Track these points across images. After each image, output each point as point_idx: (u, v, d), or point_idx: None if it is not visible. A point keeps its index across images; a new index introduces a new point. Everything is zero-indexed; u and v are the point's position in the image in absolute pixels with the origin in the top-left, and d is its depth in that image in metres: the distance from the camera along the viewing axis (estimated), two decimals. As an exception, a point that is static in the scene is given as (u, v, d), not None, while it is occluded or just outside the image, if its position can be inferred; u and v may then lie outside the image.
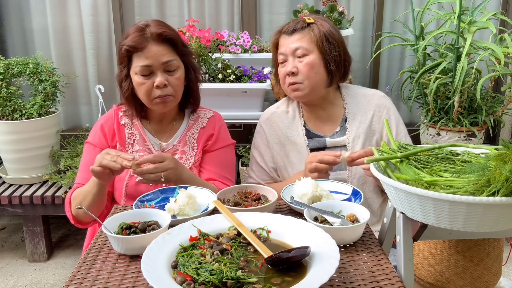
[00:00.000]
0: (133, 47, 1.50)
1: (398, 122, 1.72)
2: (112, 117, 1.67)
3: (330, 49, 1.62)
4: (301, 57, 1.62)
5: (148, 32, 1.51)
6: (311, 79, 1.62)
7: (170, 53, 1.53)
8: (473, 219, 0.89)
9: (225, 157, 1.70)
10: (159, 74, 1.51)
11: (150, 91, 1.53)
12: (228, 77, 2.52)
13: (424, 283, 1.33)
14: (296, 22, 1.65)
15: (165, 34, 1.51)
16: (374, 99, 1.73)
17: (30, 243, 2.78)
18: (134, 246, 1.09)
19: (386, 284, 0.98)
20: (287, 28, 1.66)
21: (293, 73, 1.62)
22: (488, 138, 3.12)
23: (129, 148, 1.64)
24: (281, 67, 1.68)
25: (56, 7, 3.11)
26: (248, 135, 3.08)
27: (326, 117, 1.73)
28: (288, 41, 1.64)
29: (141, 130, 1.65)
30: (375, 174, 1.02)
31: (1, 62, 2.63)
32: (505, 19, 2.40)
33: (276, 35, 1.70)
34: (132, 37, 1.51)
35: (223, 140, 1.71)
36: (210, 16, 3.14)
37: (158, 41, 1.51)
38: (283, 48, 1.65)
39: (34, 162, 2.74)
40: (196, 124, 1.70)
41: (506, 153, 0.89)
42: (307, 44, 1.61)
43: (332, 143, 1.69)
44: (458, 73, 2.21)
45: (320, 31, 1.62)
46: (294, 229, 1.09)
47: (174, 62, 1.54)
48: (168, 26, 1.57)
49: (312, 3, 2.95)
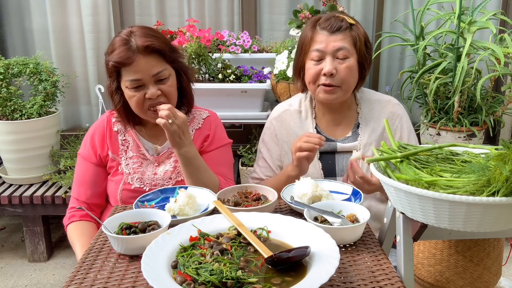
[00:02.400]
0: (120, 63, 1.45)
1: (410, 132, 1.68)
2: (104, 125, 1.63)
3: (367, 54, 1.57)
4: (341, 59, 1.54)
5: (134, 45, 1.44)
6: (348, 83, 1.56)
7: (159, 64, 1.48)
8: (473, 219, 0.89)
9: (223, 156, 1.68)
10: (150, 87, 1.47)
11: (142, 102, 1.49)
12: (228, 77, 2.52)
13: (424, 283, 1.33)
14: (339, 20, 1.55)
15: (152, 46, 1.44)
16: (389, 107, 1.68)
17: (30, 243, 2.78)
18: (134, 246, 1.09)
19: (386, 284, 0.98)
20: (328, 25, 1.55)
21: (331, 74, 1.53)
22: (488, 138, 3.12)
23: (122, 155, 1.61)
24: (314, 64, 1.57)
25: (56, 7, 3.11)
26: (248, 135, 3.08)
27: (339, 121, 1.68)
28: (330, 39, 1.54)
29: (134, 136, 1.62)
30: (375, 174, 1.02)
31: (1, 62, 2.63)
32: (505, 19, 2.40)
33: (312, 29, 1.58)
34: (118, 52, 1.44)
35: (219, 140, 1.68)
36: (210, 16, 3.14)
37: (145, 53, 1.44)
38: (323, 45, 1.54)
39: (34, 162, 2.74)
40: (191, 125, 1.66)
41: (506, 153, 0.89)
42: (350, 46, 1.54)
43: (343, 148, 1.64)
44: (458, 73, 2.21)
45: (361, 34, 1.56)
46: (294, 229, 1.09)
47: (164, 72, 1.49)
48: (154, 34, 1.50)
49: (312, 3, 2.95)
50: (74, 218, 1.59)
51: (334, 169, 1.65)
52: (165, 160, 1.62)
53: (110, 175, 1.62)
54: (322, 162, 1.65)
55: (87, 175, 1.62)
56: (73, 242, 1.55)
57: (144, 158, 1.62)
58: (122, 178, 1.59)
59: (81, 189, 1.62)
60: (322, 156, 1.66)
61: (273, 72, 2.60)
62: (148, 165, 1.61)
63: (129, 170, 1.59)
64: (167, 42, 1.53)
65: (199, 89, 2.47)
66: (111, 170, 1.62)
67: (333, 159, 1.65)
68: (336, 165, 1.65)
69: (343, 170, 1.64)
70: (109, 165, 1.61)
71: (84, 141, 1.65)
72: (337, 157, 1.65)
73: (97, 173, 1.62)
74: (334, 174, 1.65)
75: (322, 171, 1.64)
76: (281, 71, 2.52)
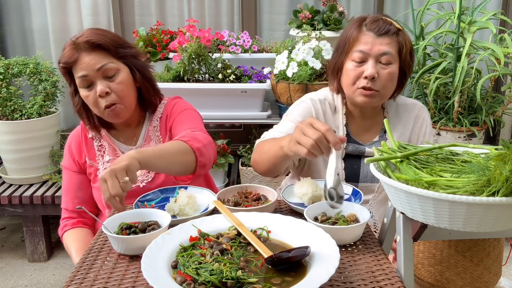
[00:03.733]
0: (66, 63, 1.46)
1: (430, 135, 1.66)
2: (79, 133, 1.63)
3: (410, 64, 1.54)
4: (385, 64, 1.48)
5: (78, 43, 1.45)
6: (387, 90, 1.51)
7: (103, 58, 1.45)
8: (473, 219, 0.89)
9: (187, 115, 1.60)
10: (98, 83, 1.45)
11: (97, 101, 1.47)
12: (228, 77, 2.52)
13: (424, 283, 1.33)
14: (388, 24, 1.49)
15: (92, 41, 1.44)
16: (415, 110, 1.65)
17: (30, 243, 2.78)
18: (134, 246, 1.09)
19: (386, 284, 0.98)
20: (376, 26, 1.48)
21: (373, 78, 1.47)
22: (488, 138, 3.12)
23: (99, 160, 1.60)
24: (354, 65, 1.50)
25: (56, 7, 3.11)
26: (248, 135, 3.08)
27: (368, 126, 1.64)
28: (376, 41, 1.47)
29: (109, 140, 1.61)
30: (375, 174, 1.02)
31: (1, 62, 2.63)
32: (505, 19, 2.40)
33: (357, 28, 1.51)
34: (64, 53, 1.47)
35: (178, 109, 1.62)
36: (210, 16, 3.14)
37: (88, 50, 1.44)
38: (367, 47, 1.47)
39: (34, 162, 2.74)
40: (155, 116, 1.63)
41: (506, 153, 0.89)
42: (394, 52, 1.48)
43: (370, 152, 1.58)
44: (458, 73, 2.21)
45: (409, 42, 1.51)
46: (294, 229, 1.09)
47: (110, 66, 1.46)
48: (100, 32, 1.49)
49: (312, 3, 2.95)
50: (67, 228, 1.61)
51: (358, 174, 1.61)
52: None
53: (91, 182, 1.62)
54: (346, 163, 1.60)
55: (71, 183, 1.62)
56: (68, 249, 1.57)
57: None
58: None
59: (68, 198, 1.62)
60: (347, 158, 1.61)
61: (273, 72, 2.60)
62: None
63: None
64: (115, 38, 1.51)
65: (199, 89, 2.48)
66: (91, 177, 1.61)
67: (359, 163, 1.61)
68: (360, 170, 1.61)
69: (367, 176, 1.60)
70: (88, 171, 1.61)
71: (64, 151, 1.66)
72: (362, 162, 1.60)
73: (80, 180, 1.62)
74: (357, 180, 1.61)
75: (344, 172, 1.60)
76: (281, 71, 2.52)
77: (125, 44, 1.53)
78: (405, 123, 1.63)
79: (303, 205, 1.30)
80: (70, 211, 1.61)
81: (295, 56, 2.45)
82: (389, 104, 1.66)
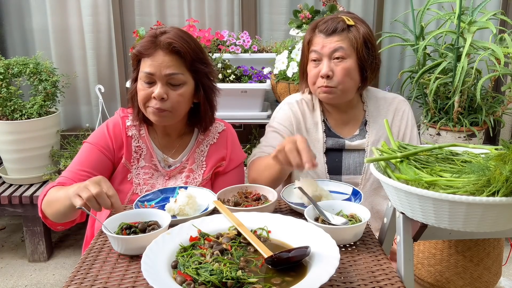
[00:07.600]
0: (139, 52, 1.43)
1: (412, 128, 1.69)
2: (120, 127, 1.54)
3: (368, 55, 1.56)
4: (338, 61, 1.53)
5: (160, 39, 1.41)
6: (345, 84, 1.55)
7: (176, 66, 1.41)
8: (473, 219, 0.89)
9: (237, 177, 1.62)
10: (159, 85, 1.41)
11: (148, 99, 1.43)
12: (228, 77, 2.52)
13: (424, 283, 1.33)
14: (336, 22, 1.55)
15: (173, 44, 1.39)
16: (394, 104, 1.69)
17: (30, 243, 2.78)
18: (134, 246, 1.09)
19: (386, 284, 0.98)
20: (325, 27, 1.55)
21: (328, 76, 1.53)
22: (488, 138, 3.12)
23: (134, 163, 1.53)
24: (313, 65, 1.58)
25: (56, 7, 3.11)
26: (248, 135, 3.08)
27: (346, 119, 1.68)
28: (326, 41, 1.54)
29: (148, 144, 1.54)
30: (375, 174, 1.02)
31: (1, 62, 2.63)
32: (505, 19, 2.40)
33: (311, 33, 1.60)
34: (143, 41, 1.43)
35: (236, 160, 1.61)
36: (210, 16, 3.14)
37: (166, 51, 1.40)
38: (318, 47, 1.55)
39: (34, 162, 2.74)
40: (206, 139, 1.59)
41: (506, 153, 0.89)
42: (346, 48, 1.53)
43: (351, 146, 1.64)
44: (458, 73, 2.21)
45: (360, 35, 1.54)
46: (294, 229, 1.09)
47: (179, 77, 1.42)
48: (185, 37, 1.44)
49: (312, 3, 2.95)
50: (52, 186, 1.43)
51: (340, 167, 1.65)
52: (176, 175, 1.55)
53: (116, 183, 1.52)
54: (327, 158, 1.64)
55: (89, 158, 1.49)
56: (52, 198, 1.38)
57: (156, 169, 1.54)
58: (130, 188, 1.51)
59: (74, 170, 1.46)
60: (329, 152, 1.65)
61: (273, 72, 2.60)
62: (159, 177, 1.54)
63: (139, 180, 1.52)
64: (197, 50, 1.46)
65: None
66: (118, 177, 1.53)
67: (340, 157, 1.65)
68: (342, 163, 1.65)
69: (349, 168, 1.64)
70: (118, 170, 1.53)
71: (97, 131, 1.55)
72: (344, 155, 1.65)
73: (103, 163, 1.50)
74: (340, 172, 1.65)
75: (326, 165, 1.63)
76: (281, 71, 2.52)
77: (203, 59, 1.49)
78: (385, 116, 1.68)
79: (303, 205, 1.30)
80: (70, 178, 1.45)
81: (295, 56, 2.44)
82: (368, 98, 1.70)
